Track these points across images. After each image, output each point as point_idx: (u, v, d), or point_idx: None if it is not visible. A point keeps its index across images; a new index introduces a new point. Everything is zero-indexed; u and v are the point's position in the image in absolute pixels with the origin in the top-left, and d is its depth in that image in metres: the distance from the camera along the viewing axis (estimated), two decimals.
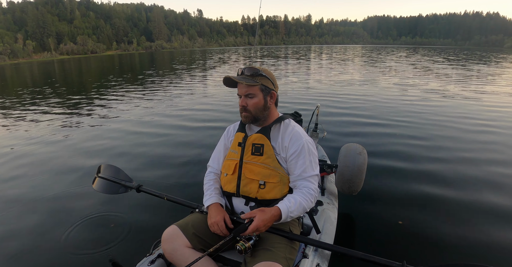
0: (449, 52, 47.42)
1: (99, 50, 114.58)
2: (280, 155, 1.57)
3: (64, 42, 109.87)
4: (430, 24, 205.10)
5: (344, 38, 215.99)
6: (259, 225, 1.36)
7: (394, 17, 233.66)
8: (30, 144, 5.45)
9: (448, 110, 7.11)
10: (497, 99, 8.54)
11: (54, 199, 3.37)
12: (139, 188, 2.22)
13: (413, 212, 2.90)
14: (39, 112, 8.17)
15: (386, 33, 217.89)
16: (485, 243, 2.43)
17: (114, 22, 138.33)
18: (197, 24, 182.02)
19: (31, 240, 2.63)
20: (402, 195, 3.22)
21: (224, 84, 1.61)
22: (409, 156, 4.31)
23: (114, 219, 2.90)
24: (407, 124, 5.97)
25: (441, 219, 2.78)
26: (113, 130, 6.21)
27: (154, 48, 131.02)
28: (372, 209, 2.96)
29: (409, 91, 9.96)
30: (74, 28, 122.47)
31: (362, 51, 51.21)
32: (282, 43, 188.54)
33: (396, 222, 2.74)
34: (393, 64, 22.43)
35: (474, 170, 3.84)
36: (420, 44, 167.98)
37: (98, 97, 10.52)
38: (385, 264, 1.43)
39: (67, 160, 4.61)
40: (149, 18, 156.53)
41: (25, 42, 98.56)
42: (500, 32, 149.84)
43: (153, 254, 1.67)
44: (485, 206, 2.97)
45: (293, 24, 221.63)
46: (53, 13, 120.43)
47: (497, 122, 6.09)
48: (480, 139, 5.04)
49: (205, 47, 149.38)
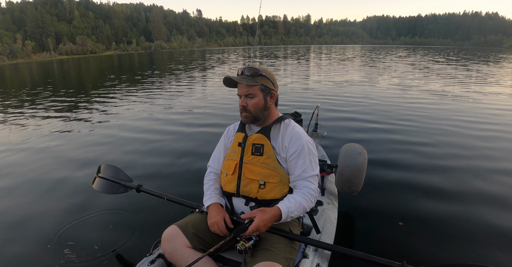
0: (449, 52, 47.40)
1: (98, 50, 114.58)
2: (280, 155, 1.56)
3: (63, 42, 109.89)
4: (429, 24, 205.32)
5: (343, 38, 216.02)
6: (259, 225, 1.36)
7: (393, 17, 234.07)
8: (25, 142, 5.44)
9: (449, 111, 7.11)
10: (502, 101, 8.45)
11: (54, 198, 3.36)
12: (139, 188, 2.22)
13: (413, 212, 2.90)
14: (38, 112, 8.15)
15: (385, 33, 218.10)
16: (486, 243, 2.43)
17: (113, 22, 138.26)
18: (197, 24, 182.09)
19: (30, 240, 2.62)
20: (402, 195, 3.22)
21: (224, 84, 1.61)
22: (409, 156, 4.31)
23: (114, 219, 2.90)
24: (408, 124, 5.96)
25: (441, 219, 2.77)
26: (112, 130, 6.20)
27: (154, 48, 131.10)
28: (372, 209, 2.96)
29: (409, 91, 9.95)
30: (73, 28, 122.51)
31: (362, 51, 51.22)
32: (281, 43, 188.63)
33: (396, 222, 2.74)
34: (393, 64, 22.42)
35: (474, 170, 3.83)
36: (419, 44, 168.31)
37: (98, 98, 10.51)
38: (385, 264, 1.42)
39: (67, 159, 4.60)
40: (148, 18, 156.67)
41: (24, 42, 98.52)
42: (499, 32, 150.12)
43: (153, 254, 1.67)
44: (485, 206, 2.97)
45: (292, 24, 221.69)
46: (52, 13, 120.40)
47: (499, 125, 5.99)
48: (482, 141, 4.99)
49: (204, 47, 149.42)
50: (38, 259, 2.38)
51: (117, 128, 6.30)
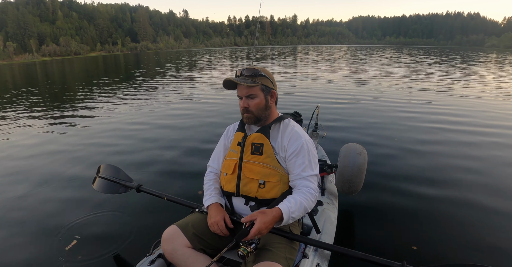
0: (435, 52, 48.03)
1: (82, 51, 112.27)
2: (279, 154, 1.56)
3: (46, 44, 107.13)
4: (413, 24, 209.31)
5: (330, 38, 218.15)
6: (261, 227, 1.34)
7: (378, 18, 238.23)
8: (19, 145, 5.39)
9: (449, 111, 7.13)
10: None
11: (53, 198, 3.35)
12: (139, 188, 2.23)
13: (414, 212, 2.91)
14: (27, 115, 7.97)
15: (371, 33, 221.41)
16: (486, 243, 2.45)
17: (98, 23, 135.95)
18: (183, 24, 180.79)
19: (30, 240, 2.61)
20: (402, 195, 3.23)
21: (223, 86, 1.62)
22: (410, 156, 4.33)
23: (114, 219, 2.90)
24: (408, 124, 6.00)
25: (441, 218, 2.79)
26: (111, 130, 6.21)
27: (139, 49, 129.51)
28: (372, 209, 2.97)
29: (408, 91, 10.00)
30: (57, 29, 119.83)
31: (352, 51, 51.66)
32: (269, 44, 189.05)
33: (396, 222, 2.76)
34: (389, 64, 22.56)
35: (473, 169, 3.87)
36: (404, 44, 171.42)
37: (89, 98, 10.35)
38: (385, 264, 1.43)
39: (66, 159, 4.59)
40: (134, 19, 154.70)
41: (6, 43, 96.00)
42: (481, 31, 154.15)
43: (153, 254, 1.67)
44: (485, 206, 3.00)
45: (279, 25, 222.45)
46: (34, 14, 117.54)
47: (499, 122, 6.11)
48: (486, 138, 5.06)
49: (191, 48, 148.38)
50: (38, 259, 2.38)
51: (113, 129, 6.29)
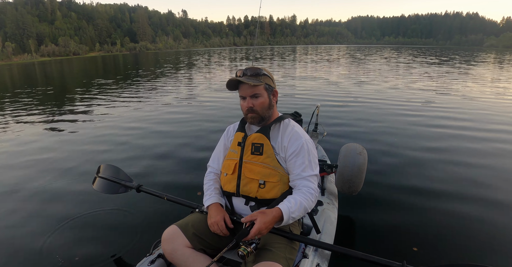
0: (434, 52, 48.08)
1: (81, 51, 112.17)
2: (279, 154, 1.56)
3: (45, 44, 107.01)
4: (412, 24, 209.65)
5: (329, 39, 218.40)
6: (261, 227, 1.34)
7: (377, 18, 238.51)
8: (18, 144, 5.40)
9: (449, 110, 7.14)
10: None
11: (53, 198, 3.35)
12: (139, 188, 2.23)
13: (414, 211, 2.91)
14: (26, 115, 7.96)
15: (370, 33, 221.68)
16: (486, 243, 2.45)
17: (96, 23, 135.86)
18: (182, 25, 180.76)
19: (30, 240, 2.60)
20: (402, 195, 3.23)
21: (227, 87, 1.60)
22: (410, 156, 4.32)
23: (114, 219, 2.90)
24: (407, 124, 5.99)
25: (441, 218, 2.79)
26: (111, 130, 6.20)
27: (138, 49, 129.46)
28: (372, 209, 2.97)
29: (408, 91, 9.99)
30: (56, 29, 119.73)
31: (351, 51, 51.63)
32: (268, 44, 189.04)
33: (396, 222, 2.75)
34: (388, 64, 22.58)
35: (473, 169, 3.87)
36: (403, 43, 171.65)
37: (89, 99, 10.34)
38: (385, 264, 1.43)
39: (66, 159, 4.58)
40: (133, 19, 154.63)
41: (4, 43, 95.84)
42: (480, 31, 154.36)
43: (153, 254, 1.67)
44: (485, 206, 3.00)
45: (278, 25, 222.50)
46: (33, 14, 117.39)
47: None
48: (487, 139, 5.05)
49: (190, 48, 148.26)
50: (38, 259, 2.37)
51: (115, 129, 6.31)
